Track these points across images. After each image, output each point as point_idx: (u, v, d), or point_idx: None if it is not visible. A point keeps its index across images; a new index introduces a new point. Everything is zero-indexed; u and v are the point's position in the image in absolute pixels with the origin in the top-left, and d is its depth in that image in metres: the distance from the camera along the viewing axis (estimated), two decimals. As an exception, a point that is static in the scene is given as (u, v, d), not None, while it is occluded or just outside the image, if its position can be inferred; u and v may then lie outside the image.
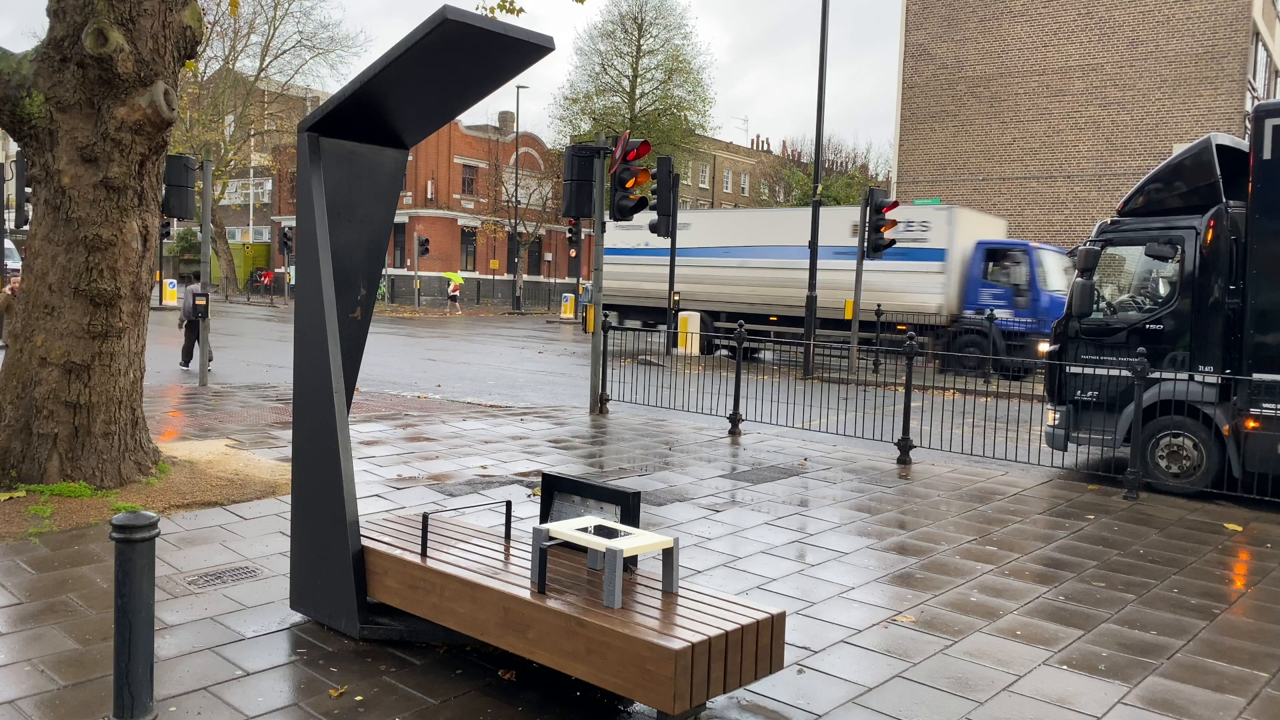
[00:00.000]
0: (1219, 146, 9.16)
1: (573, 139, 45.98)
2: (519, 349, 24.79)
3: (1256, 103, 8.71)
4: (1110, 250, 9.82)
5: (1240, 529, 7.64)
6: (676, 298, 24.06)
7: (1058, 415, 9.82)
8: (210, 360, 14.95)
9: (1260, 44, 26.24)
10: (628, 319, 26.53)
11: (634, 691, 3.78)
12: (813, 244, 19.80)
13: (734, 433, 11.34)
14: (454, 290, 42.75)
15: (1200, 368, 8.91)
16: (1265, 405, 8.24)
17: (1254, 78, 25.68)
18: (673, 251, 23.96)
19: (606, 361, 12.89)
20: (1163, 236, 9.24)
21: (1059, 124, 27.07)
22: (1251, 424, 8.37)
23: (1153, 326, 9.33)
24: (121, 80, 7.06)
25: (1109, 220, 9.97)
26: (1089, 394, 9.54)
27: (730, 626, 3.88)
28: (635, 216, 13.81)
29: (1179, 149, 25.02)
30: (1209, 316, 8.94)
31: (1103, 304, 9.81)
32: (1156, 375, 9.00)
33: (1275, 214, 8.41)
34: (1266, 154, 8.39)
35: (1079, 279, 9.68)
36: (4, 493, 7.11)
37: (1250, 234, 8.56)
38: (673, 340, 22.53)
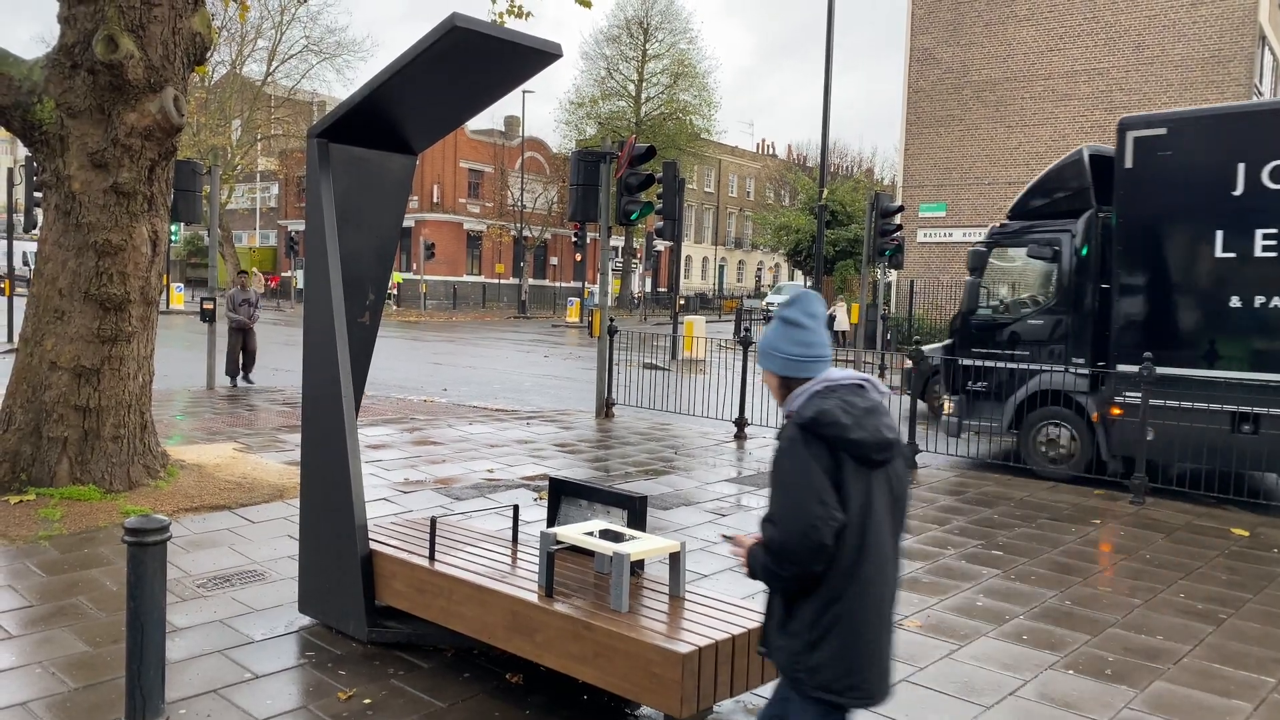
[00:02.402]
0: (1092, 156, 9.75)
1: (578, 143, 46.01)
2: (524, 353, 24.82)
3: (1122, 116, 9.55)
4: (997, 251, 10.47)
5: (1246, 534, 7.63)
6: (681, 302, 24.06)
7: (953, 404, 10.39)
8: (247, 375, 14.74)
9: (1266, 48, 26.20)
10: None
11: (641, 695, 3.79)
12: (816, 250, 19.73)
13: (739, 437, 11.35)
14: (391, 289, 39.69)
15: (1074, 360, 9.58)
16: (1128, 394, 8.91)
17: (1260, 81, 25.64)
18: (677, 254, 23.97)
19: (612, 366, 12.91)
20: (1042, 239, 9.88)
21: (1065, 128, 27.02)
22: (1116, 411, 9.06)
23: (1034, 322, 10.01)
24: (131, 86, 7.11)
25: (999, 224, 10.65)
26: (979, 385, 10.21)
27: (737, 630, 3.89)
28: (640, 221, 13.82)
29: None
30: (1082, 313, 9.62)
31: (994, 301, 10.52)
32: (1037, 368, 9.75)
33: (1136, 219, 9.12)
34: (1128, 163, 9.05)
35: (969, 278, 10.45)
36: (14, 496, 7.15)
37: (1115, 237, 9.24)
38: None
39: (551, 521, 4.90)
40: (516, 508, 5.21)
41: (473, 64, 4.64)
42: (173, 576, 5.71)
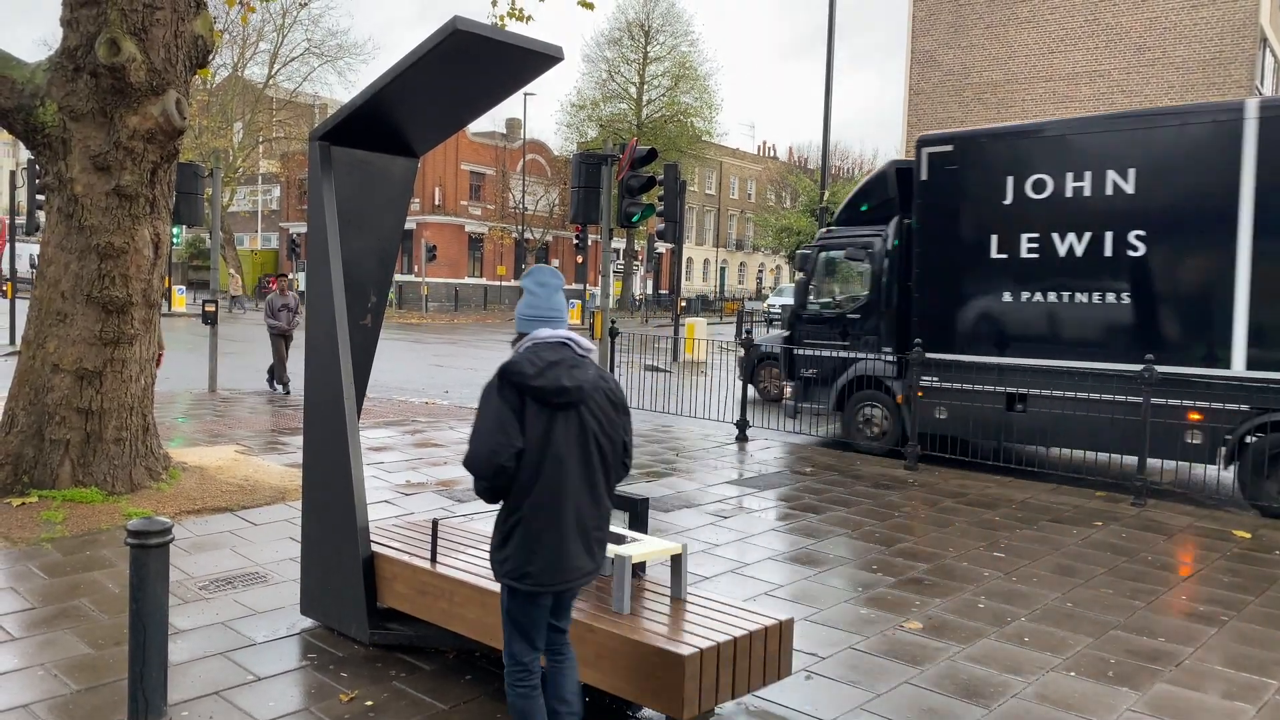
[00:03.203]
0: (898, 169, 11.04)
1: (580, 146, 46.00)
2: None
3: (920, 134, 10.83)
4: (823, 254, 11.86)
5: (1249, 536, 7.63)
6: (683, 304, 24.08)
7: (790, 389, 11.83)
8: (278, 381, 14.44)
9: (1268, 50, 26.21)
10: None
11: (643, 697, 3.79)
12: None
13: (741, 439, 11.35)
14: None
15: (885, 349, 10.90)
16: (925, 378, 10.14)
17: (1261, 83, 25.64)
18: (678, 256, 23.97)
19: (614, 368, 12.91)
20: (858, 243, 11.17)
21: (1066, 130, 27.11)
22: (918, 393, 10.25)
23: (853, 316, 11.37)
24: (134, 89, 7.12)
25: (825, 229, 12.04)
26: (810, 371, 11.58)
27: (739, 633, 3.90)
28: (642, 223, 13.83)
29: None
30: (890, 308, 10.97)
31: (822, 297, 12.02)
32: (856, 356, 11.13)
33: (930, 225, 10.35)
34: (923, 176, 10.30)
35: (799, 277, 11.91)
36: (16, 498, 7.16)
37: (914, 241, 10.50)
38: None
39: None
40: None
41: (474, 67, 4.65)
42: (175, 579, 5.72)
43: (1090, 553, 7.02)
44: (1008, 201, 9.74)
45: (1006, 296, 9.79)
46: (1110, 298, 9.23)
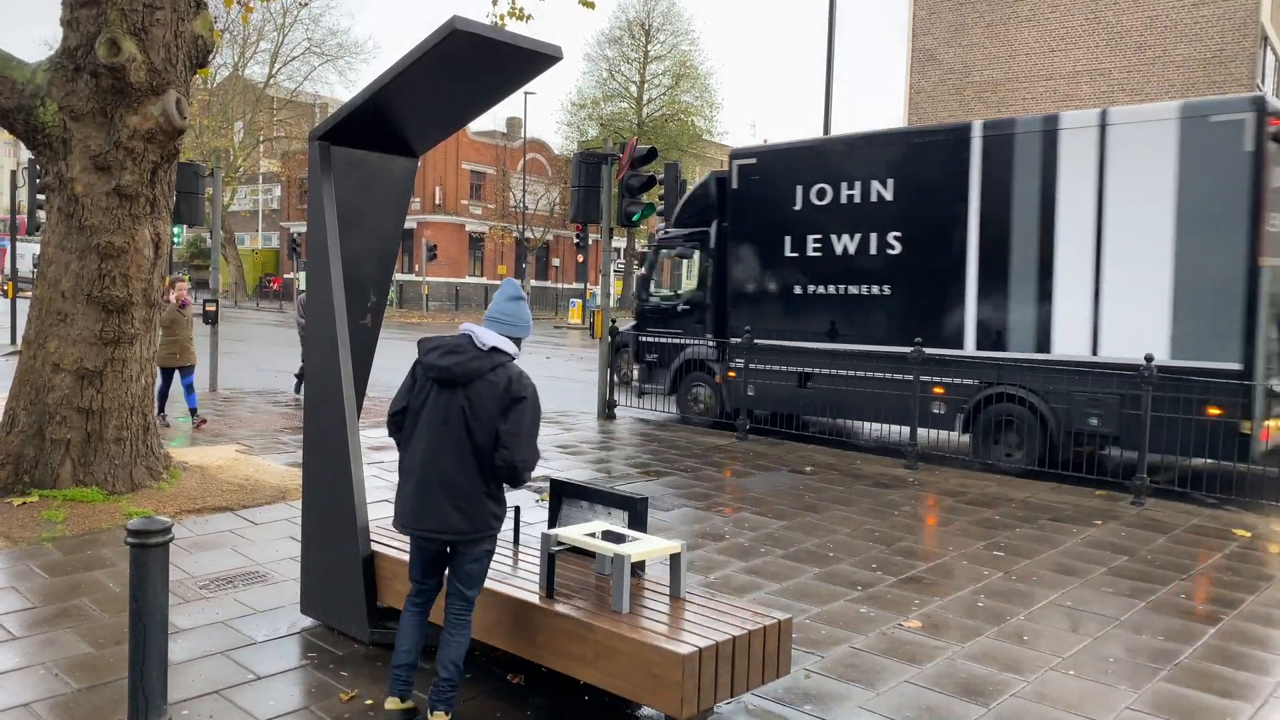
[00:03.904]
0: (718, 179, 12.59)
1: (580, 145, 45.95)
2: (526, 354, 24.76)
3: (733, 149, 12.36)
4: (660, 252, 13.54)
5: (1248, 534, 7.63)
6: None
7: (637, 372, 13.53)
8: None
9: (1269, 48, 26.17)
10: None
11: (642, 696, 3.80)
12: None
13: (743, 439, 11.36)
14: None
15: (707, 336, 12.56)
16: (736, 360, 11.88)
17: (1262, 81, 25.61)
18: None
19: (614, 366, 12.92)
20: (686, 243, 12.95)
21: (1067, 129, 27.07)
22: (731, 374, 12.02)
23: (683, 307, 13.05)
24: (134, 89, 7.13)
25: (663, 230, 13.59)
26: (652, 356, 13.22)
27: (738, 631, 3.90)
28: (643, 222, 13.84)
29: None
30: (711, 300, 12.57)
31: (663, 291, 13.62)
32: (686, 342, 12.85)
33: (739, 228, 12.04)
34: (734, 185, 11.99)
35: (639, 273, 13.77)
36: (17, 498, 7.17)
37: (727, 243, 12.18)
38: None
39: (553, 523, 4.92)
40: (518, 509, 5.22)
41: (473, 66, 4.66)
42: (175, 578, 5.73)
43: (1089, 551, 7.02)
44: (797, 207, 11.39)
45: (797, 289, 11.51)
46: (875, 290, 10.88)
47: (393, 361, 19.87)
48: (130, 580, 3.58)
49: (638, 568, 4.52)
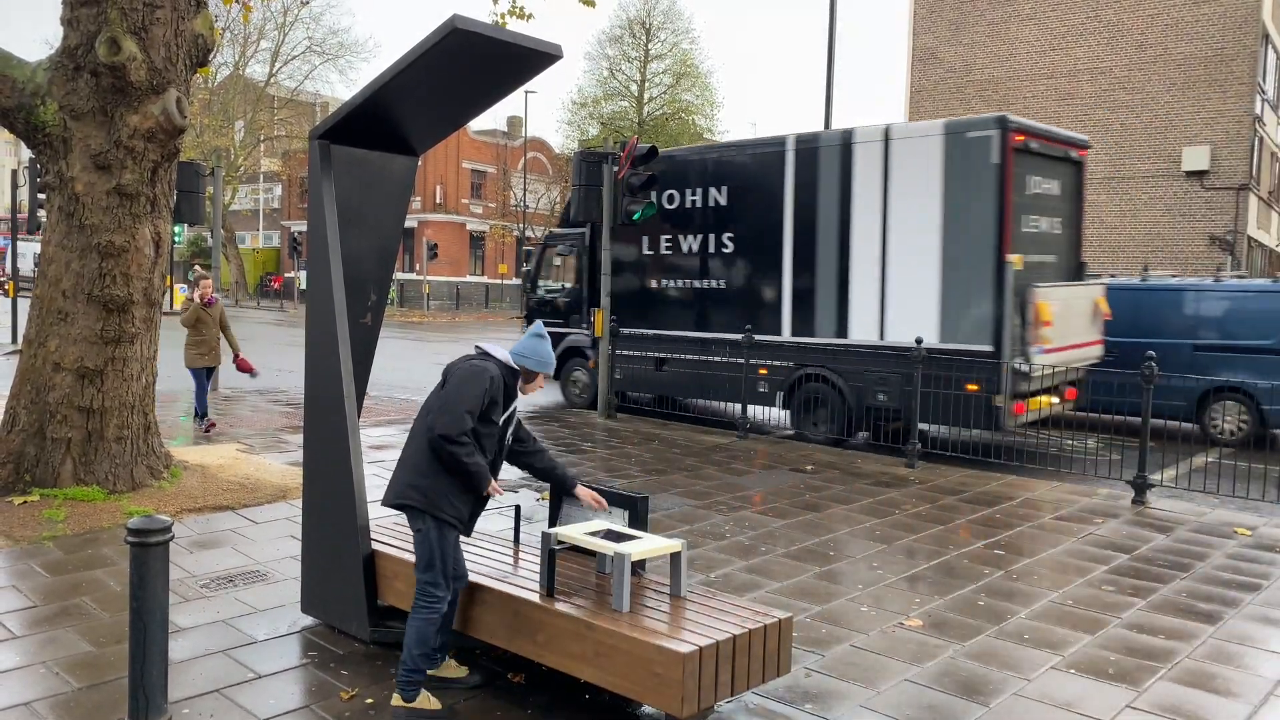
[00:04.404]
0: None
1: (581, 144, 45.93)
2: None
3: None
4: (548, 250, 14.81)
5: (1249, 533, 7.63)
6: None
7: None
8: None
9: (1270, 46, 26.13)
10: None
11: (642, 695, 3.80)
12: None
13: (744, 438, 11.36)
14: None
15: (584, 326, 13.77)
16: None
17: (1263, 80, 25.57)
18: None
19: (615, 363, 12.93)
20: (567, 242, 14.26)
21: (1067, 127, 26.94)
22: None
23: (565, 300, 14.31)
24: (134, 88, 7.13)
25: (551, 230, 15.19)
26: None
27: (738, 630, 3.90)
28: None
29: (1187, 152, 24.82)
30: (587, 294, 13.77)
31: (550, 285, 14.78)
32: (567, 332, 14.07)
33: (599, 232, 12.99)
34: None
35: (525, 269, 15.33)
36: (18, 496, 7.17)
37: (595, 242, 13.42)
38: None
39: (553, 521, 4.91)
40: (518, 508, 5.23)
41: (473, 65, 4.65)
42: (176, 577, 5.73)
43: (1090, 550, 7.02)
44: (654, 211, 12.53)
45: (654, 284, 13.00)
46: (715, 284, 12.35)
47: (393, 361, 19.85)
48: (131, 579, 3.58)
49: (638, 566, 4.52)
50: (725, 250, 12.15)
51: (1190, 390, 11.41)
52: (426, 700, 4.16)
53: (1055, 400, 10.78)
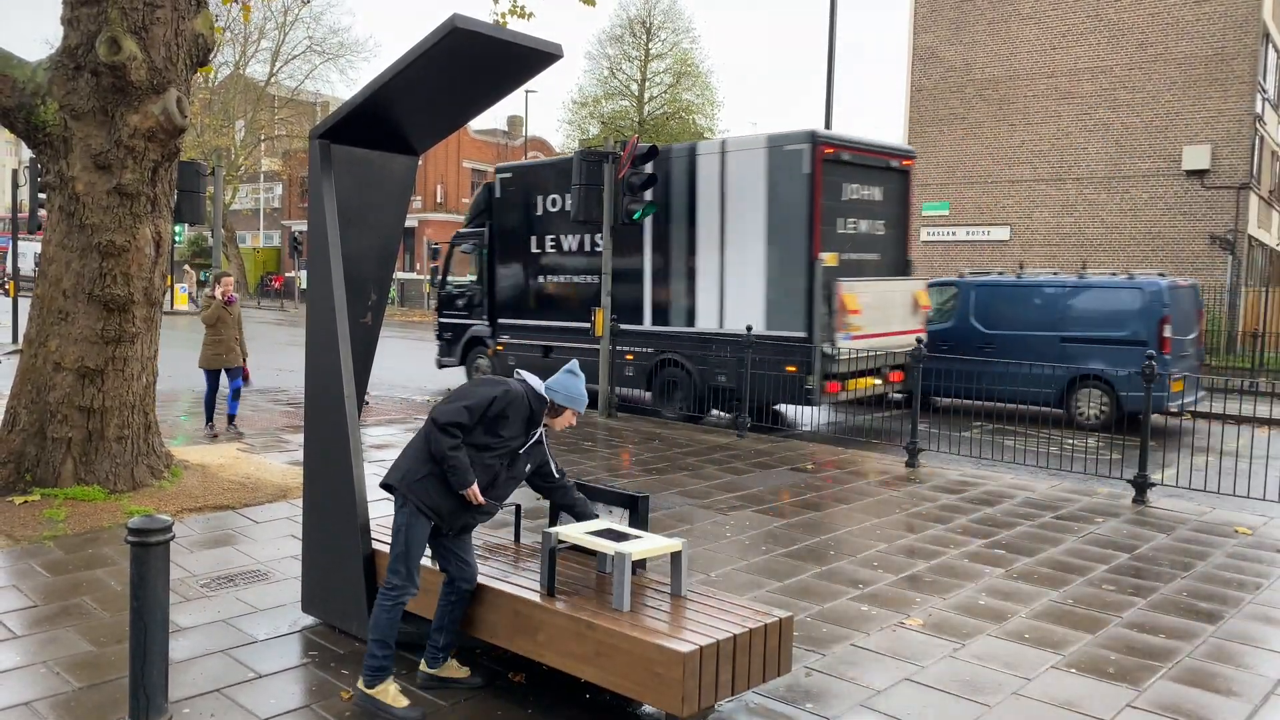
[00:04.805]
0: (488, 188, 15.18)
1: (581, 143, 45.91)
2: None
3: (497, 165, 15.61)
4: (455, 248, 16.09)
5: (1250, 532, 7.63)
6: None
7: (439, 348, 16.27)
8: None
9: (1270, 45, 26.10)
10: None
11: (643, 694, 3.80)
12: None
13: (742, 437, 11.36)
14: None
15: (484, 317, 15.16)
16: (502, 337, 14.90)
17: (1264, 79, 25.55)
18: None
19: (614, 363, 12.93)
20: (470, 240, 15.47)
21: (1068, 126, 26.94)
22: (500, 347, 14.94)
23: (469, 294, 15.63)
24: (134, 88, 7.13)
25: (460, 229, 16.33)
26: (447, 335, 16.01)
27: (738, 630, 3.90)
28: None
29: (1187, 151, 24.80)
30: (486, 288, 15.12)
31: (456, 280, 16.19)
32: (470, 322, 15.51)
33: (501, 228, 14.78)
34: (497, 194, 14.80)
35: (432, 265, 16.98)
36: (19, 496, 7.17)
37: (495, 241, 14.90)
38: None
39: (554, 521, 4.91)
40: (519, 507, 5.23)
41: (474, 65, 4.65)
42: (176, 576, 5.74)
43: (1091, 549, 7.02)
44: (539, 213, 14.15)
45: (540, 279, 14.33)
46: (590, 280, 13.53)
47: (393, 360, 19.93)
48: (131, 579, 3.58)
49: (638, 566, 4.52)
50: (598, 249, 13.23)
51: (1059, 379, 12.47)
52: (386, 692, 4.17)
53: (878, 381, 12.23)
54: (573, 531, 4.33)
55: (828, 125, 21.07)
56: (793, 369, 11.50)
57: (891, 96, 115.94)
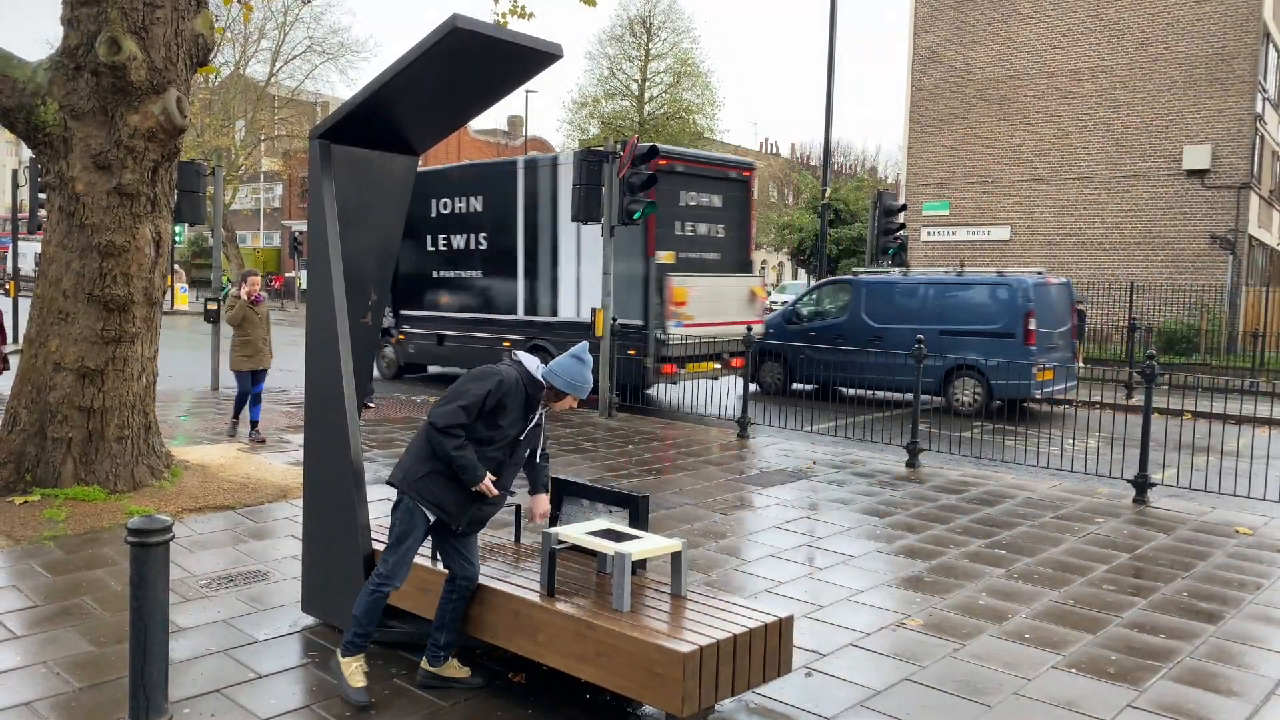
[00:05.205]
0: None
1: (581, 143, 45.93)
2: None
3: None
4: None
5: (1250, 532, 7.63)
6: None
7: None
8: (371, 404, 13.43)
9: (1271, 45, 26.09)
10: None
11: (643, 694, 3.80)
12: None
13: (743, 436, 11.36)
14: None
15: (387, 309, 15.46)
16: (403, 327, 16.38)
17: (1265, 79, 25.54)
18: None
19: (616, 365, 12.93)
20: None
21: (1068, 126, 26.93)
22: (401, 336, 16.47)
23: None
24: (134, 88, 7.13)
25: None
26: None
27: (739, 630, 3.90)
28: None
29: (1188, 151, 24.78)
30: (390, 283, 14.72)
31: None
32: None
33: (405, 229, 15.14)
34: None
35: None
36: (19, 496, 7.18)
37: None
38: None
39: (553, 521, 4.91)
40: (519, 508, 5.22)
41: (473, 65, 4.65)
42: (177, 576, 5.74)
43: (1091, 549, 7.02)
44: (433, 215, 15.66)
45: (434, 274, 15.82)
46: (475, 275, 15.28)
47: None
48: (131, 579, 3.58)
49: (638, 566, 4.52)
50: (481, 248, 15.11)
51: (939, 368, 13.59)
52: (349, 666, 4.27)
53: (718, 365, 14.02)
54: (573, 532, 4.32)
55: (828, 125, 21.07)
56: (634, 352, 13.27)
57: (891, 96, 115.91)
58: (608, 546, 4.16)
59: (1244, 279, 25.51)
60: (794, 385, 15.73)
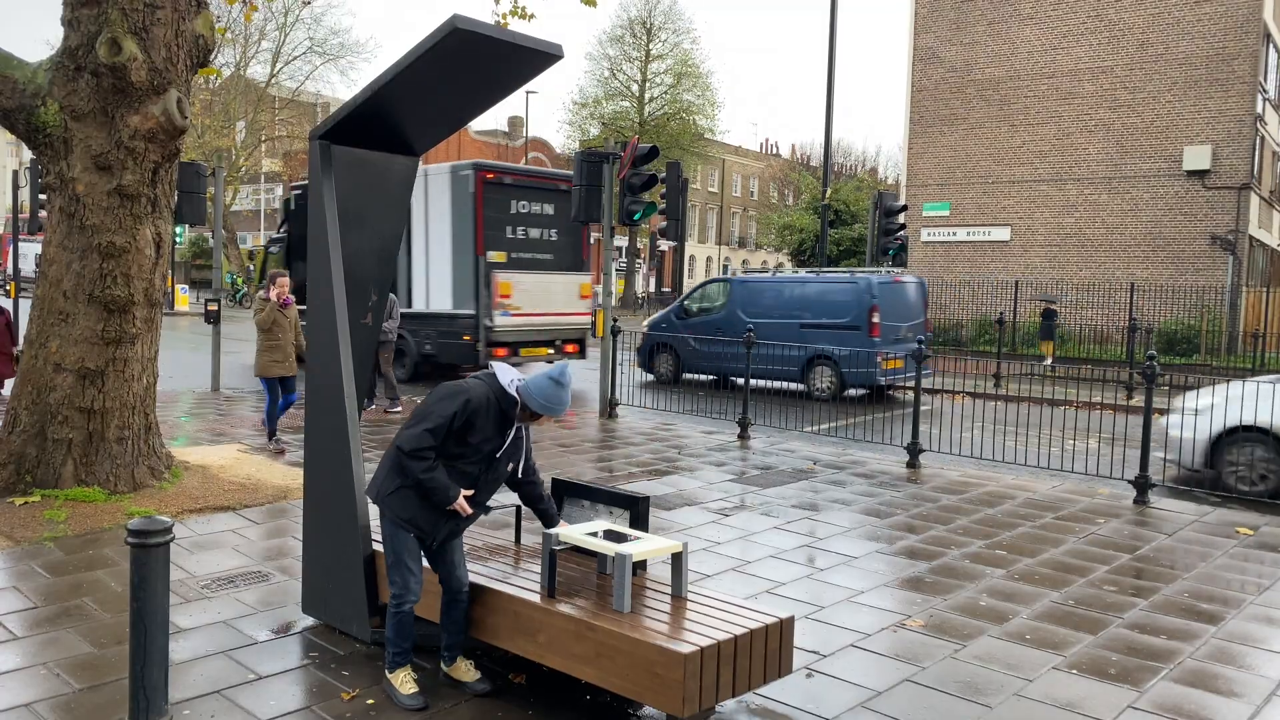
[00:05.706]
0: (291, 199, 18.34)
1: (582, 144, 45.93)
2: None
3: (291, 184, 19.50)
4: (269, 249, 19.46)
5: (1251, 533, 7.62)
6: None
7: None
8: (374, 398, 13.26)
9: (1271, 45, 26.08)
10: None
11: (643, 695, 3.80)
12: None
13: (743, 436, 11.36)
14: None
15: None
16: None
17: (1265, 79, 25.53)
18: (680, 254, 23.97)
19: (615, 366, 12.93)
20: (279, 244, 18.59)
21: (1069, 126, 26.94)
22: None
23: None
24: (135, 89, 7.13)
25: (272, 235, 19.61)
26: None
27: (739, 630, 3.90)
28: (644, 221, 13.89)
29: (1188, 152, 24.78)
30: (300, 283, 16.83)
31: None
32: None
33: (295, 238, 17.40)
34: (293, 206, 18.03)
35: (249, 266, 24.07)
36: (19, 497, 7.17)
37: (289, 246, 17.67)
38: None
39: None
40: (519, 508, 5.22)
41: (473, 65, 4.65)
42: (177, 577, 5.73)
43: (1092, 550, 7.01)
44: None
45: None
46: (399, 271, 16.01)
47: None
48: (131, 580, 3.58)
49: (639, 567, 4.52)
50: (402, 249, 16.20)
51: (798, 359, 15.22)
52: (397, 678, 4.29)
53: (551, 350, 15.95)
54: (573, 533, 4.32)
55: (828, 125, 21.06)
56: (468, 338, 15.13)
57: (891, 96, 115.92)
58: (608, 547, 4.16)
59: (1244, 279, 25.51)
60: (684, 375, 17.31)
